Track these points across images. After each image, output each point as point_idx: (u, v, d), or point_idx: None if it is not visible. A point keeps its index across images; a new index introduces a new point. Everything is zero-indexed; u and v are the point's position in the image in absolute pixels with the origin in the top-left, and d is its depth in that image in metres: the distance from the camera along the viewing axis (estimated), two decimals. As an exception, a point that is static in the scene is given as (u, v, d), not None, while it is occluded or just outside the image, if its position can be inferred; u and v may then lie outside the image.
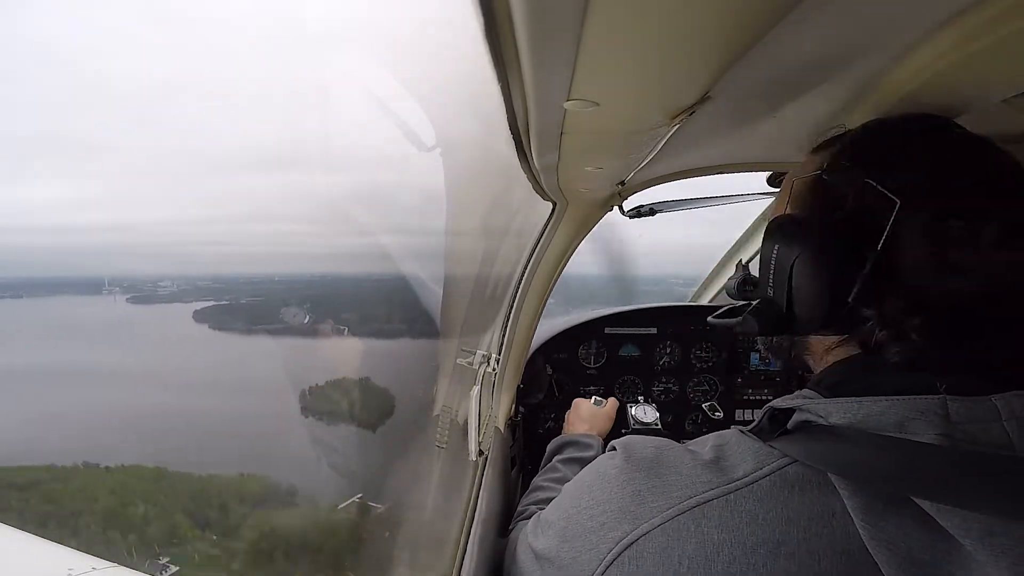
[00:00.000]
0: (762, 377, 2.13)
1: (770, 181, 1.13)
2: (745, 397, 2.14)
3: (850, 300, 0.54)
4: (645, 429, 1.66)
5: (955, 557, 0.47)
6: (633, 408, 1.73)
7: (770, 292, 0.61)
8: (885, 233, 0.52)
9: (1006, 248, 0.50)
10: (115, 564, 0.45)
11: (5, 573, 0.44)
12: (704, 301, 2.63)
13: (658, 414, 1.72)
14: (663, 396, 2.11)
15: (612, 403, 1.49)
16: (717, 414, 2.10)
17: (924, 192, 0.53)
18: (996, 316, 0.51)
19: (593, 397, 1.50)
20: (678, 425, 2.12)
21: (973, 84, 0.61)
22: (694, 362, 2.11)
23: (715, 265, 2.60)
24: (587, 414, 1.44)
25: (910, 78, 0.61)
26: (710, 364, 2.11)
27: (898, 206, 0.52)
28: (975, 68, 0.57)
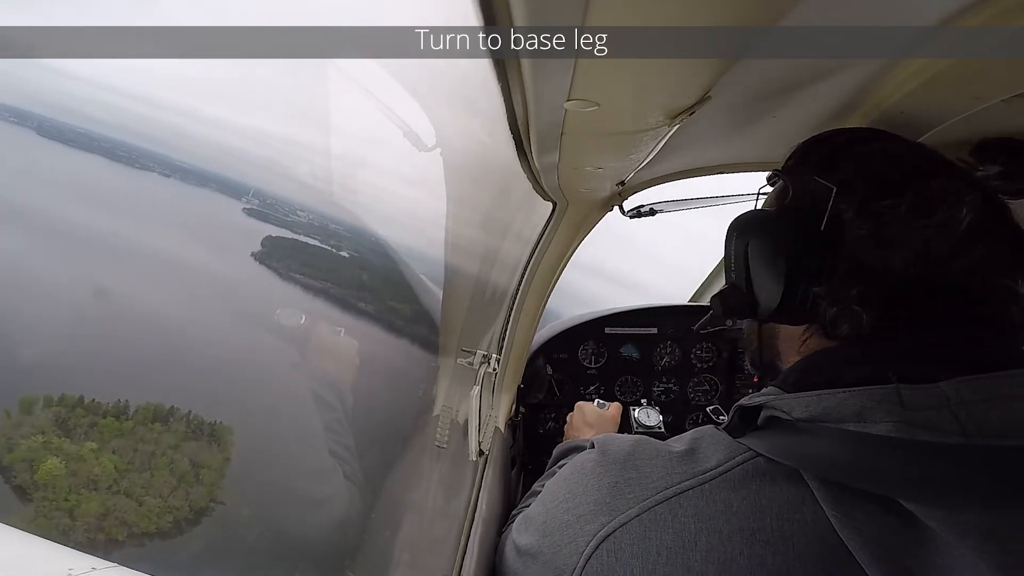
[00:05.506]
0: None
1: (770, 181, 1.14)
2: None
3: (798, 276, 0.59)
4: (648, 433, 1.63)
5: (925, 537, 0.48)
6: (636, 411, 1.70)
7: (732, 278, 0.69)
8: (826, 215, 0.58)
9: (921, 218, 0.55)
10: (115, 564, 0.45)
11: (5, 573, 0.44)
12: (704, 301, 2.62)
13: (661, 417, 1.68)
14: (663, 396, 2.11)
15: (616, 407, 1.49)
16: (722, 417, 2.08)
17: (857, 180, 0.59)
18: (928, 288, 0.56)
19: (596, 400, 1.48)
20: (679, 426, 2.12)
21: (973, 84, 0.61)
22: (694, 362, 2.11)
23: (715, 265, 2.60)
24: (593, 418, 1.42)
25: (910, 78, 0.61)
26: (710, 364, 2.11)
27: (835, 191, 0.58)
28: (975, 68, 0.57)
